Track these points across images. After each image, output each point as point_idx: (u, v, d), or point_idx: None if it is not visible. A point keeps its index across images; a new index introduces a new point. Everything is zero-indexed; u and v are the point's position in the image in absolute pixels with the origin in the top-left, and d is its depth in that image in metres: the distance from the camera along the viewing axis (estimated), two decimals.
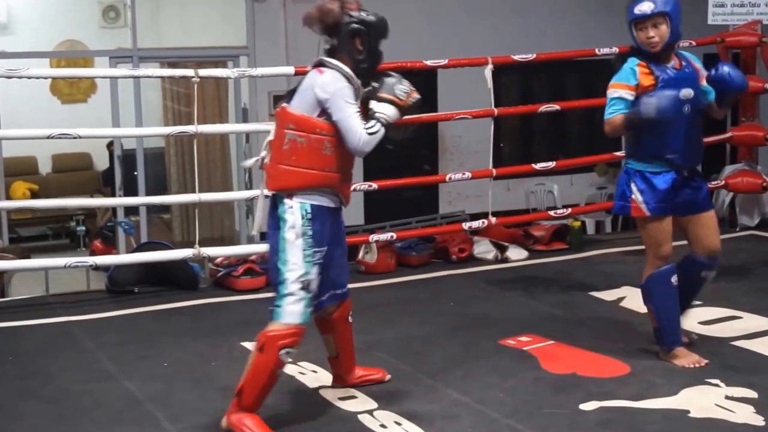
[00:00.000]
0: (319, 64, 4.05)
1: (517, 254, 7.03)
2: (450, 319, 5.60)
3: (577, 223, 7.40)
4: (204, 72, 6.31)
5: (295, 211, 3.96)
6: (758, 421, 4.03)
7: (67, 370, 4.89)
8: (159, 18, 11.58)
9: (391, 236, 6.70)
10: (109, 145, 11.54)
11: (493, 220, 6.97)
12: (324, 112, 3.94)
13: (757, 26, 7.54)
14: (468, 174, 7.12)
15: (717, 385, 4.39)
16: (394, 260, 6.78)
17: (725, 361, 4.72)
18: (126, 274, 6.33)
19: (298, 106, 3.99)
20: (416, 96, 4.11)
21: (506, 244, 7.08)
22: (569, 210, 7.52)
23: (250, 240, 10.20)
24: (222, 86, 10.87)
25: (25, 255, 7.99)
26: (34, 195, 12.67)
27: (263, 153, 4.08)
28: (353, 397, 4.41)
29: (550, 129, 11.80)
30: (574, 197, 10.85)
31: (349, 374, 4.51)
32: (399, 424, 4.10)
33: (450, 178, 7.22)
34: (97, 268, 7.38)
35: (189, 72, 6.22)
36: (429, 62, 6.81)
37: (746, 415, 4.09)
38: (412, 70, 7.10)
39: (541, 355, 4.89)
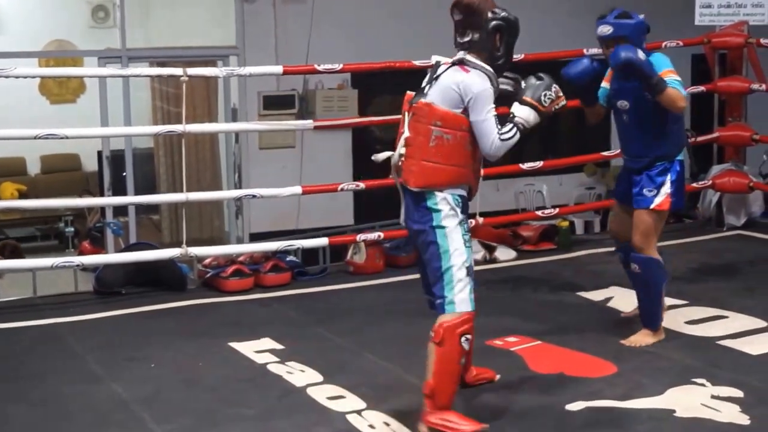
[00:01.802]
0: (461, 62, 4.02)
1: (505, 254, 7.04)
2: None
3: (566, 223, 7.42)
4: (193, 71, 6.27)
5: (449, 200, 3.97)
6: (744, 420, 4.05)
7: (54, 372, 4.89)
8: (148, 18, 11.56)
9: (379, 235, 6.70)
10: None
11: (481, 220, 6.97)
12: (466, 110, 3.95)
13: (744, 27, 7.56)
14: None
15: (703, 385, 4.42)
16: (383, 261, 6.78)
17: (711, 361, 4.75)
18: (114, 275, 6.32)
19: (441, 102, 3.97)
20: (562, 103, 4.15)
21: (494, 244, 7.09)
22: (557, 210, 7.53)
23: (240, 240, 10.21)
24: (211, 87, 10.85)
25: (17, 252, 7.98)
26: (23, 196, 12.64)
27: (401, 149, 4.02)
28: (342, 397, 4.42)
29: (540, 129, 11.80)
30: (563, 197, 10.86)
31: (468, 372, 4.43)
32: (387, 424, 4.11)
33: None
34: (85, 269, 7.37)
35: (177, 71, 6.18)
36: (418, 62, 6.81)
37: (732, 414, 4.11)
38: (402, 71, 7.12)
39: (528, 355, 4.90)
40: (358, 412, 4.24)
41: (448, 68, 4.04)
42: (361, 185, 6.86)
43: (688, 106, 11.38)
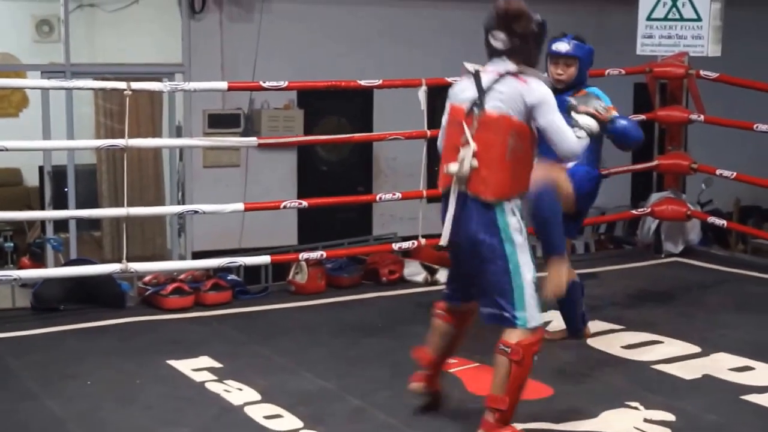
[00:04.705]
0: (518, 72, 3.98)
1: (446, 277, 7.05)
2: (378, 341, 5.62)
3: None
4: (136, 85, 6.16)
5: (516, 212, 4.00)
6: None
7: None
8: (93, 33, 11.50)
9: (321, 255, 6.71)
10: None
11: (423, 242, 7.00)
12: (528, 120, 3.97)
13: (684, 58, 7.70)
14: (398, 195, 7.14)
15: (636, 408, 4.47)
16: (325, 281, 6.77)
17: (645, 385, 4.82)
18: (52, 292, 6.23)
19: (512, 113, 3.95)
20: (615, 113, 4.28)
21: (436, 266, 7.11)
22: None
23: (182, 259, 10.14)
24: (156, 104, 10.81)
25: None
26: None
27: (473, 162, 3.96)
28: (279, 416, 4.40)
29: None
30: None
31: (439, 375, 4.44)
32: None
33: (380, 198, 7.25)
34: (23, 285, 7.27)
35: (121, 84, 6.10)
36: (363, 82, 6.86)
37: None
38: (348, 90, 7.15)
39: (466, 377, 4.92)
40: (296, 431, 4.23)
41: (500, 78, 3.98)
42: (304, 203, 6.88)
43: None
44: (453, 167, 3.99)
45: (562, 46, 5.06)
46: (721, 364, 5.12)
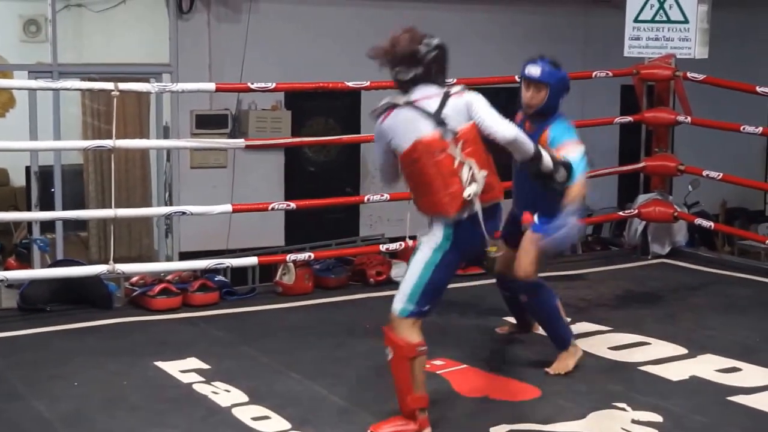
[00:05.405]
0: (450, 92, 4.16)
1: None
2: (366, 342, 5.61)
3: (494, 248, 7.45)
4: (124, 86, 6.15)
5: None
6: None
7: None
8: (81, 33, 11.46)
9: (309, 256, 6.70)
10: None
11: (411, 243, 7.00)
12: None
13: (671, 60, 7.73)
14: (386, 196, 7.14)
15: (624, 409, 4.49)
16: (312, 282, 6.77)
17: (632, 386, 4.83)
18: (39, 292, 6.22)
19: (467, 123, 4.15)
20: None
21: None
22: None
23: (169, 260, 10.12)
24: (143, 104, 10.78)
25: None
26: None
27: (482, 173, 4.12)
28: (267, 417, 4.41)
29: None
30: None
31: None
32: None
33: (368, 200, 7.25)
34: (10, 285, 7.24)
35: (109, 85, 6.09)
36: (351, 83, 6.86)
37: None
38: (335, 91, 7.15)
39: (454, 378, 4.93)
40: None
41: (443, 99, 4.11)
42: (292, 205, 6.86)
43: (617, 135, 11.60)
44: (472, 189, 4.11)
45: (533, 71, 5.02)
46: (708, 366, 5.14)
